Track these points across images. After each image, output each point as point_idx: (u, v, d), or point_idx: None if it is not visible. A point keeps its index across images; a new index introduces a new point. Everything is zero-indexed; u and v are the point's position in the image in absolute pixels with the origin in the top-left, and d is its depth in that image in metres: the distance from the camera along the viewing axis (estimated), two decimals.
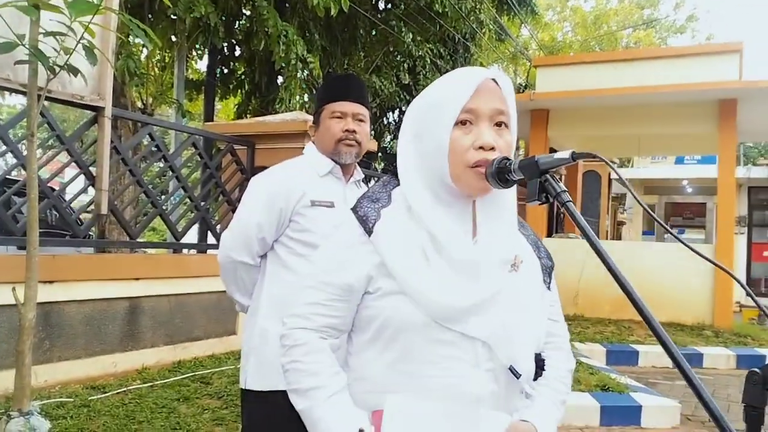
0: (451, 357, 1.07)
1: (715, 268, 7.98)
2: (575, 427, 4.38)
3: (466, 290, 1.07)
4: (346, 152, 2.01)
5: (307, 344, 1.15)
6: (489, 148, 1.06)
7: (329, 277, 1.16)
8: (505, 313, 1.10)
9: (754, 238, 14.55)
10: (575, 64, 9.55)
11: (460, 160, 1.08)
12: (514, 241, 1.16)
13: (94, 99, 4.26)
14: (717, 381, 6.18)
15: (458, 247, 1.09)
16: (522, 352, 1.12)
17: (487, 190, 1.10)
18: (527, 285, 1.16)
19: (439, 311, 1.07)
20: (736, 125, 8.22)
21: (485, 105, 1.08)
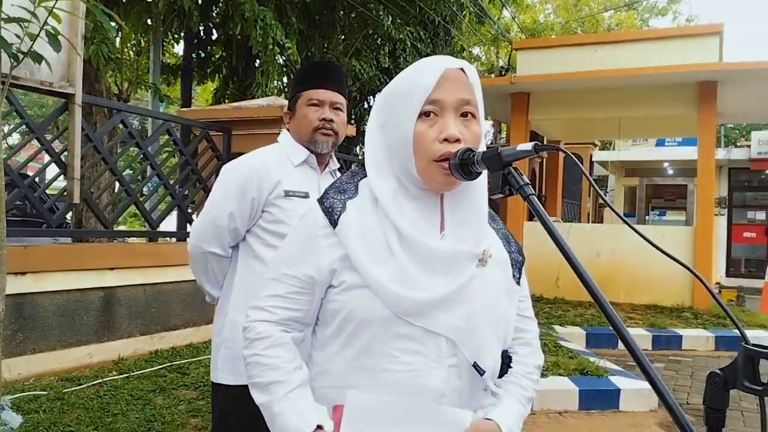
0: (414, 352, 1.06)
1: (695, 250, 8.06)
2: (554, 411, 4.40)
3: (430, 284, 1.05)
4: (322, 141, 1.95)
5: (269, 337, 1.14)
6: (454, 140, 1.04)
7: (291, 269, 1.15)
8: (471, 308, 1.08)
9: (735, 220, 14.70)
10: (556, 46, 9.52)
11: (424, 153, 1.05)
12: (483, 235, 1.13)
13: (64, 86, 4.15)
14: (696, 362, 6.25)
15: (424, 240, 1.06)
16: (487, 349, 1.10)
17: (454, 185, 1.09)
18: (495, 280, 1.14)
19: (401, 306, 1.05)
20: (716, 107, 8.24)
21: (450, 96, 1.06)
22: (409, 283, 1.05)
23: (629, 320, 7.45)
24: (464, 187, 1.11)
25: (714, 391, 0.76)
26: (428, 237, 1.07)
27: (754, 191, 14.87)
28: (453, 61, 1.10)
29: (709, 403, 0.77)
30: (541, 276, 8.52)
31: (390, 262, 1.06)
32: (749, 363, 0.73)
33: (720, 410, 0.76)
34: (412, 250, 1.06)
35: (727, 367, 0.76)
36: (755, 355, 0.73)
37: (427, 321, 1.06)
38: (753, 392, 0.73)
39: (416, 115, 1.05)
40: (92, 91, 6.89)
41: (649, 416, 4.36)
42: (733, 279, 13.82)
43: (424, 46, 9.70)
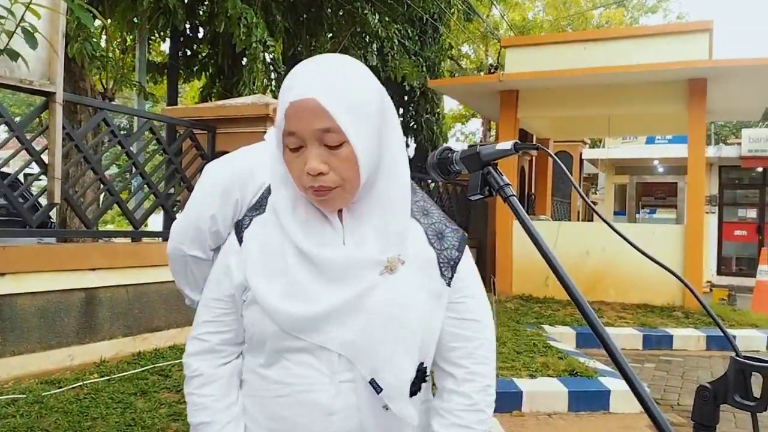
0: (306, 365, 1.04)
1: (685, 248, 8.04)
2: (543, 413, 4.35)
3: (325, 296, 1.01)
4: None
5: (201, 375, 1.15)
6: (315, 173, 0.98)
7: (214, 292, 1.16)
8: (369, 320, 1.01)
9: (725, 218, 14.73)
10: (545, 44, 9.47)
11: (297, 183, 1.02)
12: (392, 240, 1.05)
13: (44, 84, 4.08)
14: (687, 362, 6.23)
15: (317, 249, 1.03)
16: (391, 364, 1.02)
17: (339, 206, 1.05)
18: (410, 285, 1.05)
19: (285, 321, 1.02)
20: (706, 104, 8.23)
21: (305, 127, 0.98)
22: (300, 296, 1.02)
23: (620, 320, 7.42)
24: (364, 197, 1.05)
25: (703, 407, 0.71)
26: (324, 246, 1.03)
27: (744, 189, 14.91)
28: (300, 90, 0.98)
29: (699, 419, 0.71)
30: (531, 275, 8.48)
31: (279, 276, 1.04)
32: (740, 376, 0.68)
33: (710, 427, 0.70)
34: (307, 260, 1.03)
35: (717, 380, 0.70)
36: (747, 368, 0.67)
37: (316, 336, 1.02)
38: (745, 408, 0.68)
39: (281, 148, 1.02)
40: (77, 89, 6.79)
41: (639, 418, 4.31)
42: (725, 277, 13.85)
43: (412, 44, 9.64)
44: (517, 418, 4.26)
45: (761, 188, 14.61)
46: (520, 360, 5.07)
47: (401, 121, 13.60)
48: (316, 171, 0.97)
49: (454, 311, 1.12)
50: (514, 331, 6.21)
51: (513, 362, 5.00)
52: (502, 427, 3.79)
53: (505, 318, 6.93)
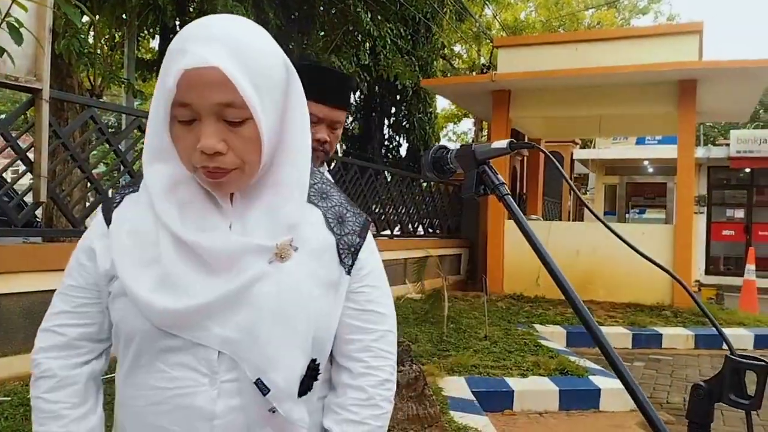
0: (183, 365, 0.91)
1: (674, 248, 8.09)
2: (534, 412, 4.36)
3: (198, 290, 0.89)
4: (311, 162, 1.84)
5: (54, 377, 0.99)
6: (211, 152, 0.85)
7: (75, 279, 1.00)
8: (255, 314, 0.90)
9: (714, 218, 14.84)
10: (537, 44, 9.51)
11: (186, 160, 0.89)
12: (283, 224, 0.94)
13: (30, 80, 4.03)
14: (676, 361, 6.26)
15: (193, 235, 0.90)
16: (279, 362, 0.92)
17: (226, 192, 0.93)
18: (303, 273, 0.94)
19: (157, 316, 0.90)
20: (696, 106, 8.28)
21: (202, 100, 0.84)
22: (174, 288, 0.89)
23: (610, 319, 7.45)
24: (260, 180, 0.94)
25: (698, 405, 0.71)
26: (204, 231, 0.91)
27: (732, 189, 15.02)
28: (198, 56, 0.84)
29: (693, 418, 0.71)
30: (522, 275, 8.50)
31: (150, 265, 0.91)
32: (735, 375, 0.68)
33: (704, 425, 0.70)
34: (185, 247, 0.90)
35: (711, 378, 0.70)
36: (741, 367, 0.68)
37: (193, 332, 0.90)
38: (739, 406, 0.68)
39: (167, 119, 0.88)
40: (63, 86, 6.72)
41: (629, 416, 4.33)
42: (713, 277, 13.95)
43: (404, 43, 9.65)
44: (509, 417, 4.27)
45: (749, 189, 14.73)
46: (512, 359, 5.07)
47: (394, 120, 13.62)
48: (212, 150, 0.85)
49: (353, 302, 1.02)
50: (505, 331, 6.22)
51: (504, 361, 5.00)
52: (494, 426, 3.79)
53: (496, 317, 6.94)
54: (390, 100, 12.88)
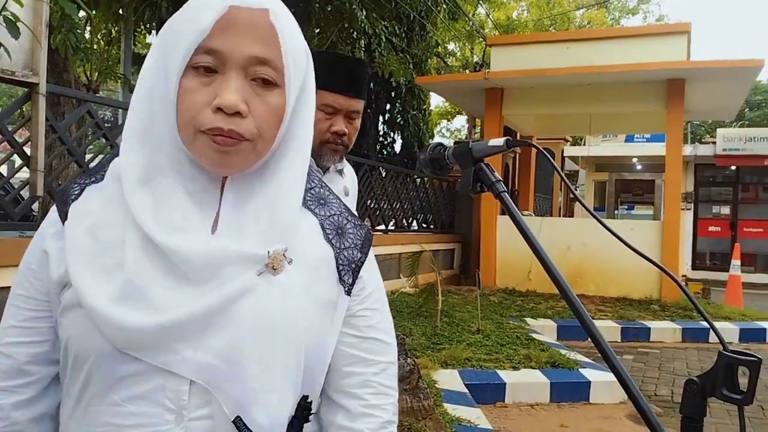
0: (143, 399, 0.73)
1: (662, 243, 8.22)
2: (526, 404, 4.46)
3: (170, 303, 0.73)
4: (329, 157, 1.64)
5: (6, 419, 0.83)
6: (232, 112, 0.72)
7: (23, 287, 0.83)
8: (237, 335, 0.74)
9: (700, 214, 15.04)
10: (529, 43, 9.59)
11: (189, 120, 0.74)
12: (278, 231, 0.78)
13: (27, 75, 4.04)
14: (663, 354, 6.40)
15: (172, 238, 0.73)
16: (263, 396, 0.75)
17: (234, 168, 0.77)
18: (292, 292, 0.78)
19: (121, 335, 0.72)
20: (684, 104, 8.40)
21: (237, 48, 0.73)
22: (139, 300, 0.72)
23: (599, 312, 7.58)
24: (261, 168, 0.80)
25: (691, 400, 0.72)
26: (182, 232, 0.74)
27: (719, 186, 15.23)
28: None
29: (687, 413, 0.73)
30: (514, 269, 8.62)
31: (119, 272, 0.74)
32: (728, 371, 0.70)
33: (697, 420, 0.73)
34: (156, 251, 0.74)
35: (705, 374, 0.72)
36: (734, 363, 0.70)
37: (160, 357, 0.73)
38: (732, 401, 0.70)
39: (183, 65, 0.73)
40: (60, 81, 6.72)
41: (618, 408, 4.44)
42: (699, 272, 14.15)
43: (399, 41, 9.70)
44: (501, 409, 4.36)
45: (734, 186, 14.94)
46: (504, 352, 5.17)
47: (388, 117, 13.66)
48: (233, 108, 0.72)
49: (353, 327, 0.86)
50: (497, 324, 6.32)
51: (497, 354, 5.10)
52: (486, 418, 3.88)
53: (489, 311, 7.04)
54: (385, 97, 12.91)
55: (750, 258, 13.77)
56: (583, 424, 4.16)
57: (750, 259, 13.77)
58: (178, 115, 0.75)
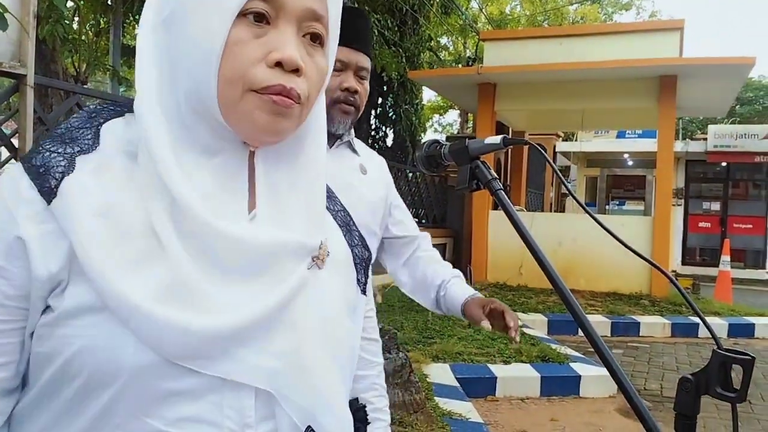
0: (195, 421, 0.61)
1: (653, 239, 8.26)
2: (516, 398, 4.48)
3: (231, 301, 0.62)
4: (340, 120, 1.47)
5: None
6: (292, 68, 0.63)
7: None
8: (300, 336, 0.66)
9: (691, 210, 15.14)
10: (522, 38, 9.59)
11: (238, 78, 0.62)
12: (319, 219, 0.72)
13: (14, 66, 3.99)
14: (653, 349, 6.44)
15: (220, 225, 0.62)
16: (328, 400, 0.68)
17: (280, 134, 0.67)
18: (335, 289, 0.72)
19: (170, 341, 0.59)
20: (676, 101, 8.43)
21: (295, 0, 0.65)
22: (190, 300, 0.60)
23: (589, 307, 7.62)
24: (289, 143, 0.71)
25: (685, 398, 0.72)
26: (227, 219, 0.64)
27: (709, 183, 15.32)
28: None
29: (680, 410, 0.73)
30: (505, 264, 8.63)
31: (156, 264, 0.60)
32: (722, 369, 0.70)
33: (691, 417, 0.73)
34: (200, 241, 0.62)
35: (698, 372, 0.72)
36: (728, 361, 0.70)
37: (223, 365, 0.61)
38: (725, 399, 0.71)
39: (236, 10, 0.62)
40: (48, 72, 6.65)
41: (608, 402, 4.47)
42: (689, 267, 14.25)
43: (391, 34, 9.67)
44: (491, 402, 4.38)
45: (725, 182, 15.04)
46: (495, 346, 5.19)
47: (380, 111, 13.62)
48: (296, 64, 0.63)
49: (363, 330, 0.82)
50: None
51: (488, 348, 5.11)
52: (477, 412, 3.90)
53: None
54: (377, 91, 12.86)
55: (739, 254, 13.87)
56: (573, 418, 4.18)
57: (739, 254, 13.87)
58: (222, 69, 0.63)
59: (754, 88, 24.26)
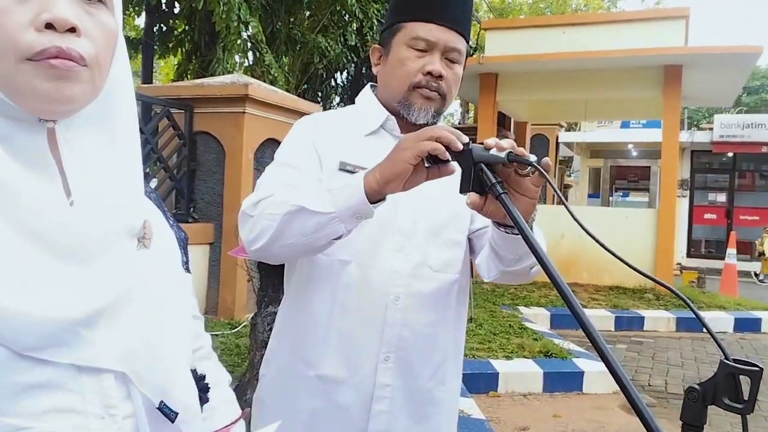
0: (59, 411, 0.59)
1: (657, 231, 8.19)
2: (518, 393, 4.42)
3: (77, 286, 0.60)
4: (420, 107, 1.27)
5: None
6: (66, 28, 0.59)
7: None
8: (141, 316, 0.66)
9: (696, 201, 15.04)
10: (524, 27, 9.48)
11: (8, 49, 0.58)
12: (137, 199, 0.71)
13: None
14: (657, 344, 6.37)
15: (44, 210, 0.60)
16: (176, 375, 0.70)
17: (70, 103, 0.62)
18: (165, 268, 0.73)
19: (22, 333, 0.57)
20: (681, 90, 8.33)
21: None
22: (34, 290, 0.58)
23: (593, 301, 7.56)
24: (94, 114, 0.66)
25: (692, 407, 0.72)
26: (47, 205, 0.61)
27: (715, 173, 15.22)
28: None
29: (687, 419, 0.72)
30: None
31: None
32: (730, 379, 0.69)
33: (698, 427, 0.72)
34: (30, 230, 0.59)
35: (706, 382, 0.72)
36: (736, 372, 0.69)
37: (76, 352, 0.60)
38: (734, 410, 0.70)
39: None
40: None
41: (611, 398, 4.41)
42: (694, 260, 14.16)
43: None
44: (493, 398, 4.33)
45: (731, 173, 14.92)
46: (497, 341, 5.13)
47: None
48: (69, 24, 0.59)
49: (192, 305, 0.87)
50: (490, 313, 6.29)
51: (490, 343, 5.06)
52: (479, 408, 3.85)
53: (481, 299, 7.01)
54: None
55: (746, 246, 13.76)
56: (576, 414, 4.13)
57: (746, 246, 13.76)
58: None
59: (761, 77, 24.08)
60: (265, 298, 2.55)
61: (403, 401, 1.25)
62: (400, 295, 1.23)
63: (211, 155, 5.29)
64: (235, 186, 5.21)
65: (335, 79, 11.08)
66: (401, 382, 1.24)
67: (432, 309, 1.27)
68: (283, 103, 5.51)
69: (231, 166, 5.23)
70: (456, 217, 1.31)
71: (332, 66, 9.75)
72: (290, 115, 5.58)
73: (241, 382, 2.58)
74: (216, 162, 5.29)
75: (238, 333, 4.65)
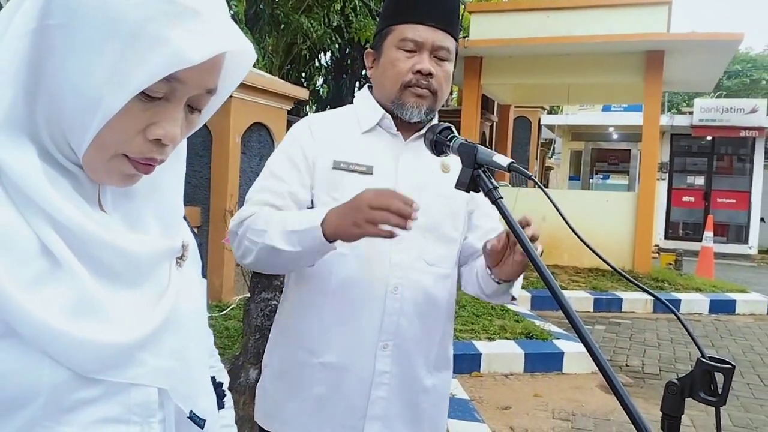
0: (107, 421, 0.64)
1: (637, 214, 8.34)
2: (500, 374, 4.54)
3: (126, 312, 0.64)
4: (412, 105, 1.34)
5: None
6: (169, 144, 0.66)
7: None
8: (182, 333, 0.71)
9: (675, 184, 15.27)
10: (509, 11, 9.48)
11: (113, 146, 0.62)
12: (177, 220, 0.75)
13: None
14: (635, 324, 6.54)
15: (104, 235, 0.63)
16: (203, 385, 0.77)
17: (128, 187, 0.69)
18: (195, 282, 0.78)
19: (85, 357, 0.60)
20: (663, 76, 8.43)
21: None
22: (95, 314, 0.61)
23: (573, 283, 7.71)
24: None
25: (671, 400, 0.79)
26: (109, 225, 0.65)
27: (694, 157, 15.43)
28: None
29: (666, 411, 0.79)
30: None
31: (57, 282, 0.60)
32: (706, 375, 0.76)
33: (676, 417, 0.79)
34: (90, 255, 0.62)
35: (684, 377, 0.79)
36: (711, 369, 0.76)
37: (130, 371, 0.64)
38: (709, 403, 0.77)
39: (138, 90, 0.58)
40: None
41: (590, 378, 4.55)
42: (672, 241, 14.42)
43: (375, 5, 9.53)
44: (476, 378, 4.44)
45: (709, 157, 15.15)
46: (480, 323, 5.24)
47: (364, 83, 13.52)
48: (175, 142, 0.66)
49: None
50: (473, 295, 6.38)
51: (473, 325, 5.17)
52: (462, 388, 3.95)
53: None
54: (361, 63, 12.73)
55: (722, 228, 14.07)
56: (556, 394, 4.26)
57: (722, 229, 14.07)
58: (98, 134, 0.60)
59: (741, 60, 24.35)
60: (258, 284, 2.60)
61: (399, 388, 1.32)
62: (399, 285, 1.31)
63: (198, 139, 5.29)
64: (222, 170, 5.22)
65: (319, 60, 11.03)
66: (398, 370, 1.32)
67: (427, 300, 1.35)
68: (271, 87, 5.50)
69: (218, 150, 5.24)
70: (453, 215, 1.40)
71: (316, 47, 9.70)
72: (277, 99, 5.58)
73: (234, 365, 2.64)
74: (203, 146, 5.29)
75: (227, 315, 4.70)
